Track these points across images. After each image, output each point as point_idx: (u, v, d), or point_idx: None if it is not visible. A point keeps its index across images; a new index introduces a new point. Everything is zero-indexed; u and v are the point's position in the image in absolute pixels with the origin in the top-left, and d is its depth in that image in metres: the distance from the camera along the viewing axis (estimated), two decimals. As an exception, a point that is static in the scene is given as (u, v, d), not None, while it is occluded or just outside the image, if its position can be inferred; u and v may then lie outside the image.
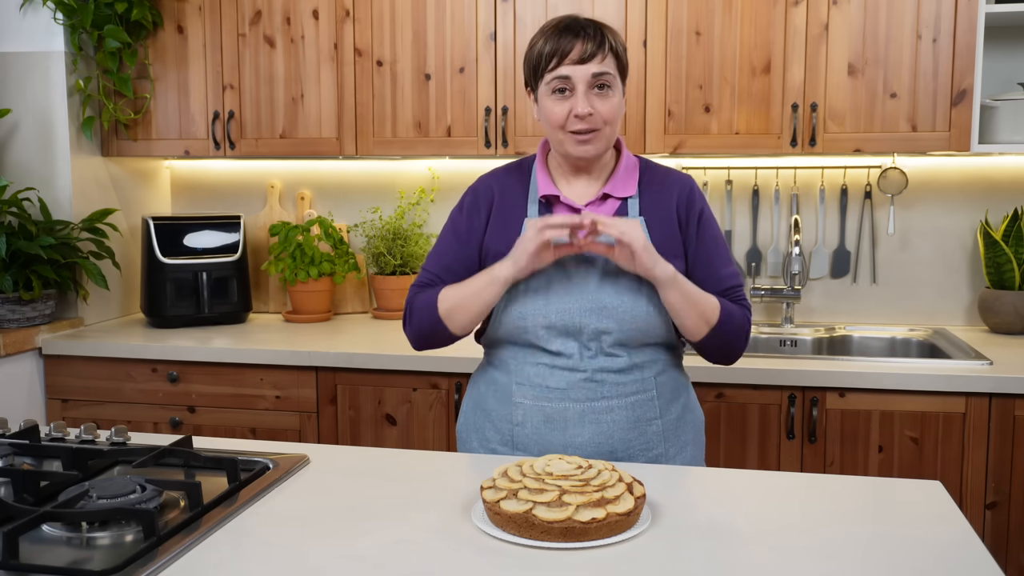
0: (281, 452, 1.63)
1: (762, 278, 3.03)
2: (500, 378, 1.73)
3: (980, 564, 1.19)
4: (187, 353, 2.71)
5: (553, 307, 1.64)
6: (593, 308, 1.63)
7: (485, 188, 1.78)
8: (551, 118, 1.64)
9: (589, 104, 1.60)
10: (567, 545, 1.23)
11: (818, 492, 1.48)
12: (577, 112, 1.60)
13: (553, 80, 1.62)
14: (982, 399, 2.31)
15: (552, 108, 1.63)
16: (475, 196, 1.78)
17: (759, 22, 2.62)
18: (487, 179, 1.80)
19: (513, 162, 1.81)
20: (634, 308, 1.64)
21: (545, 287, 1.65)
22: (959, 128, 2.55)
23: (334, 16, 2.87)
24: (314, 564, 1.20)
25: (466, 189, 1.81)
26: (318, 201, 3.32)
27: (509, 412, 1.70)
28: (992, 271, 2.75)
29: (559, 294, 1.65)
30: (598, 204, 1.70)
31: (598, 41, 1.60)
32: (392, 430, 2.63)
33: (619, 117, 1.66)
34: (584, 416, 1.65)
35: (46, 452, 1.57)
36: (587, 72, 1.60)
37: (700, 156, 2.86)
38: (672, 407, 1.72)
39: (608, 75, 1.61)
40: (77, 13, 2.84)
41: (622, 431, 1.66)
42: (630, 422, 1.66)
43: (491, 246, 1.72)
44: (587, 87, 1.61)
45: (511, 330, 1.69)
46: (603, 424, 1.65)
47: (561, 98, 1.62)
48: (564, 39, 1.60)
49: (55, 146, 2.94)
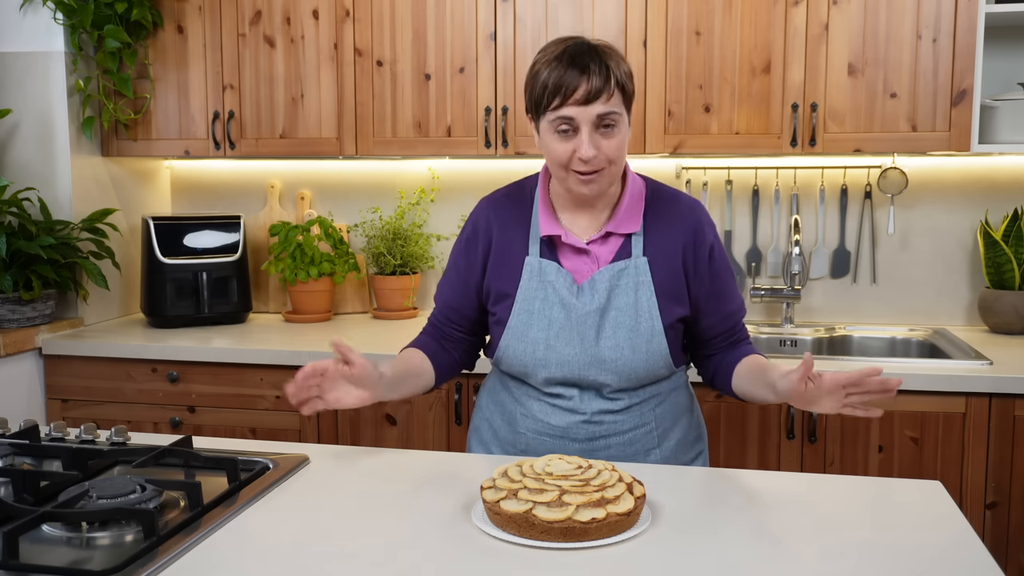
0: (281, 452, 1.63)
1: (762, 278, 3.03)
2: (507, 402, 1.74)
3: (980, 564, 1.19)
4: (187, 353, 2.71)
5: (553, 359, 1.63)
6: (592, 362, 1.62)
7: (484, 222, 1.71)
8: (553, 157, 1.56)
9: (593, 146, 1.52)
10: (567, 545, 1.23)
11: (818, 492, 1.48)
12: (581, 155, 1.52)
13: (555, 119, 1.53)
14: (982, 399, 2.31)
15: (554, 147, 1.55)
16: (474, 231, 1.72)
17: (759, 22, 2.62)
18: (486, 210, 1.73)
19: (514, 185, 1.74)
20: (633, 360, 1.62)
21: (545, 332, 1.63)
22: (959, 128, 2.55)
23: (334, 16, 2.87)
24: (314, 564, 1.20)
25: (467, 218, 1.77)
26: (318, 201, 3.32)
27: (514, 437, 1.72)
28: (992, 271, 2.75)
29: (561, 342, 1.63)
30: (601, 242, 1.65)
31: (604, 77, 1.50)
32: (392, 430, 2.63)
33: (624, 152, 1.58)
34: (583, 454, 1.66)
35: (46, 452, 1.57)
36: (592, 113, 1.51)
37: (700, 156, 2.86)
38: (672, 434, 1.72)
39: (613, 115, 1.52)
40: (77, 13, 2.84)
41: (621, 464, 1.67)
42: (627, 456, 1.67)
43: (491, 286, 1.70)
44: (592, 128, 1.52)
45: (513, 372, 1.69)
46: (602, 459, 1.66)
47: (564, 138, 1.54)
48: (569, 75, 1.50)
49: (55, 146, 2.94)
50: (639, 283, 1.62)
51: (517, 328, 1.65)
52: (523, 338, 1.65)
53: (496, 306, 1.70)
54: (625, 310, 1.62)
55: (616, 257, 1.64)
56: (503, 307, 1.68)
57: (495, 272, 1.69)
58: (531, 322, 1.64)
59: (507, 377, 1.74)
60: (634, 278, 1.62)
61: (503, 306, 1.68)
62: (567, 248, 1.66)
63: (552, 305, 1.63)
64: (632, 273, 1.62)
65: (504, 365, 1.70)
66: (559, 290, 1.63)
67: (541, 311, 1.64)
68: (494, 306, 1.71)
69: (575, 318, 1.62)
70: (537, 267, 1.65)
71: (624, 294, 1.62)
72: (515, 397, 1.72)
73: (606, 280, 1.62)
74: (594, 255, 1.64)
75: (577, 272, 1.64)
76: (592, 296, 1.62)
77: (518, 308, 1.65)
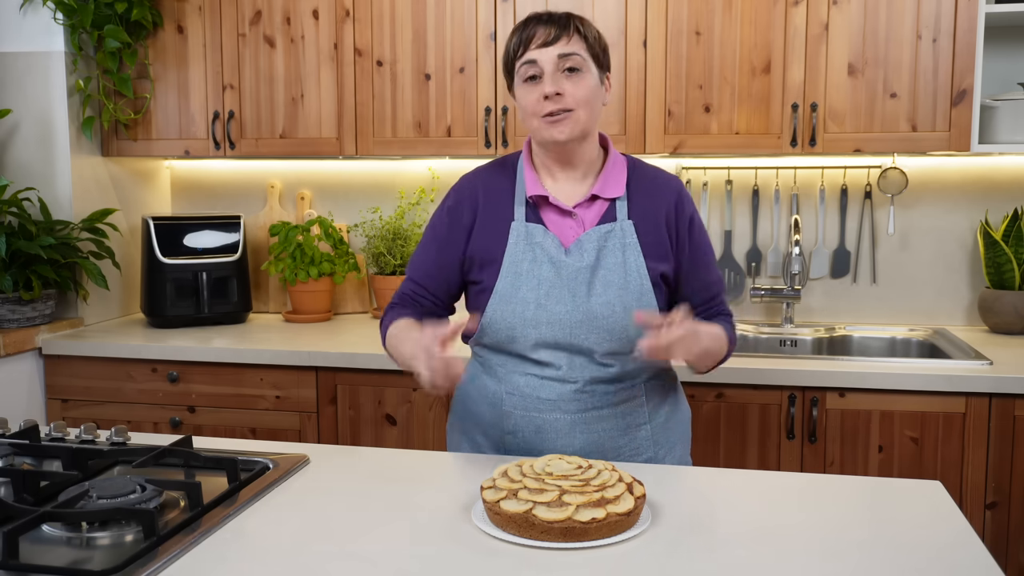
0: (281, 452, 1.63)
1: (762, 278, 3.03)
2: (490, 385, 1.71)
3: (980, 564, 1.19)
4: (187, 353, 2.71)
5: (544, 318, 1.62)
6: (584, 319, 1.62)
7: (469, 191, 1.73)
8: (524, 105, 1.63)
9: (557, 85, 1.59)
10: (567, 545, 1.23)
11: (818, 492, 1.48)
12: (545, 92, 1.58)
13: (522, 67, 1.61)
14: (982, 399, 2.31)
15: (524, 96, 1.63)
16: (458, 200, 1.74)
17: (759, 22, 2.62)
18: (471, 180, 1.76)
19: (496, 160, 1.78)
20: (624, 318, 1.62)
21: (535, 292, 1.63)
22: (959, 128, 2.55)
23: (334, 16, 2.87)
24: (314, 564, 1.20)
25: (449, 189, 1.78)
26: (318, 201, 3.32)
27: (500, 420, 1.69)
28: (992, 271, 2.75)
29: (552, 300, 1.62)
30: (586, 206, 1.68)
31: (562, 24, 1.60)
32: (392, 430, 2.63)
33: (594, 102, 1.63)
34: (575, 427, 1.65)
35: (46, 452, 1.57)
36: (552, 54, 1.59)
37: (700, 156, 2.86)
38: (660, 410, 1.73)
39: (576, 56, 1.59)
40: (77, 13, 2.84)
41: (612, 438, 1.66)
42: (620, 429, 1.67)
43: (477, 253, 1.69)
44: (555, 69, 1.59)
45: (500, 339, 1.67)
46: (594, 433, 1.65)
47: (532, 84, 1.61)
48: (529, 27, 1.62)
49: (55, 146, 2.94)
50: (626, 244, 1.64)
51: (504, 291, 1.64)
52: (512, 299, 1.64)
53: (481, 273, 1.69)
54: (614, 269, 1.63)
55: (602, 220, 1.67)
56: (489, 272, 1.67)
57: (480, 238, 1.69)
58: (519, 283, 1.64)
59: (489, 356, 1.71)
60: (620, 239, 1.65)
61: (489, 271, 1.67)
62: (552, 211, 1.67)
63: (541, 264, 1.64)
64: (619, 235, 1.65)
65: (489, 334, 1.67)
66: (548, 249, 1.64)
67: (530, 272, 1.64)
68: (479, 273, 1.69)
69: (566, 275, 1.63)
70: (524, 230, 1.65)
71: (612, 254, 1.64)
72: (499, 377, 1.69)
73: (593, 241, 1.64)
74: (580, 218, 1.67)
75: (563, 236, 1.66)
76: (581, 256, 1.64)
77: (505, 271, 1.65)
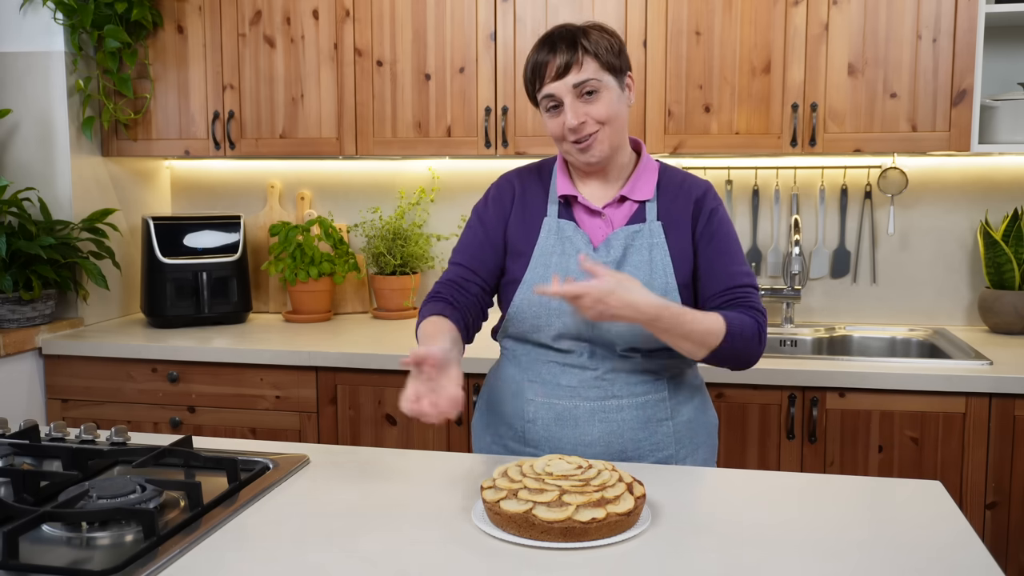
0: (281, 452, 1.64)
1: (762, 278, 3.03)
2: (513, 374, 1.75)
3: (980, 564, 1.19)
4: (187, 353, 2.71)
5: (568, 308, 1.63)
6: None
7: (507, 183, 1.81)
8: (552, 132, 1.68)
9: (577, 115, 1.62)
10: (567, 545, 1.23)
11: (818, 492, 1.48)
12: (568, 125, 1.62)
13: (543, 100, 1.66)
14: (982, 399, 2.31)
15: (550, 124, 1.67)
16: (499, 190, 1.81)
17: (759, 22, 2.62)
18: (509, 176, 1.83)
19: (533, 163, 1.83)
20: None
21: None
22: (959, 128, 2.55)
23: (334, 16, 2.87)
24: (314, 564, 1.20)
25: (489, 186, 1.83)
26: (318, 201, 3.32)
27: (521, 408, 1.71)
28: (992, 271, 2.75)
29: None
30: (615, 207, 1.71)
31: (570, 51, 1.61)
32: (392, 430, 2.63)
33: (618, 115, 1.65)
34: (595, 415, 1.66)
35: (46, 452, 1.57)
36: (567, 85, 1.61)
37: (700, 156, 2.86)
38: (684, 409, 1.72)
39: (591, 81, 1.61)
40: (77, 13, 2.84)
41: (632, 430, 1.66)
42: (640, 422, 1.67)
43: (512, 240, 1.74)
44: (573, 98, 1.62)
45: (524, 329, 1.71)
46: (613, 423, 1.66)
47: (554, 114, 1.65)
48: (541, 56, 1.64)
49: (55, 146, 2.94)
50: (653, 244, 1.67)
51: (532, 280, 1.68)
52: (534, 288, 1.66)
53: (512, 264, 1.73)
54: (640, 266, 1.66)
55: (630, 221, 1.70)
56: (519, 264, 1.72)
57: (515, 227, 1.74)
58: (547, 275, 1.67)
59: (515, 346, 1.75)
60: (648, 239, 1.67)
61: (519, 263, 1.72)
62: (582, 211, 1.72)
63: (570, 258, 1.68)
64: (646, 235, 1.68)
65: (515, 323, 1.71)
66: (577, 244, 1.68)
67: (559, 264, 1.68)
68: (510, 264, 1.74)
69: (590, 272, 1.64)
70: (555, 225, 1.71)
71: (638, 253, 1.67)
72: (522, 366, 1.73)
73: (621, 239, 1.67)
74: (608, 218, 1.70)
75: (592, 234, 1.70)
76: (608, 252, 1.67)
77: (535, 262, 1.69)
